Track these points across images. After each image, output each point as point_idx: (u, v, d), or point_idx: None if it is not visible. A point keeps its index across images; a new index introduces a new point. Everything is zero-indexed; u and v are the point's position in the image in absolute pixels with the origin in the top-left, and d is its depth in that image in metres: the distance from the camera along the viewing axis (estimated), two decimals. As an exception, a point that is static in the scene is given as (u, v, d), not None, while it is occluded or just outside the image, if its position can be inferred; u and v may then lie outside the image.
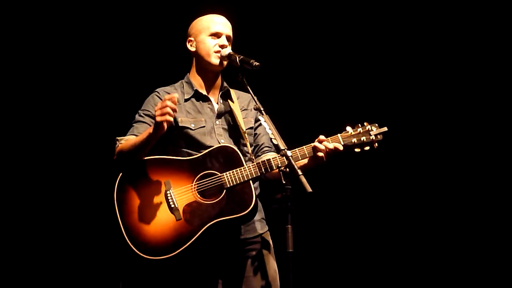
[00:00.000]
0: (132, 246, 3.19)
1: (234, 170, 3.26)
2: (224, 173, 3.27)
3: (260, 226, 3.45)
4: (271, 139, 3.20)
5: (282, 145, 3.11)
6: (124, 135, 3.40)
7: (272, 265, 3.41)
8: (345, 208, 5.39)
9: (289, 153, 3.08)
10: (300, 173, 2.97)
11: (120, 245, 3.21)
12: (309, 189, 2.92)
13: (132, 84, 4.88)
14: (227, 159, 3.30)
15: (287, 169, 3.06)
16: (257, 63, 3.27)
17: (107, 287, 4.76)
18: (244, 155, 3.37)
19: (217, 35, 3.47)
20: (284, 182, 3.04)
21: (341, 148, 3.28)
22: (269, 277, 3.36)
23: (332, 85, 5.43)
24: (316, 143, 3.27)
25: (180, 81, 3.56)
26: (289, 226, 2.98)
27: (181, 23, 3.64)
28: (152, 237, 3.21)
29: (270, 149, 3.55)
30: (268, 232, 3.49)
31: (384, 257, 5.37)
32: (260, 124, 3.57)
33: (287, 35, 5.41)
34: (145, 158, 3.31)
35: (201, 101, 3.49)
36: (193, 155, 3.34)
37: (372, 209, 5.40)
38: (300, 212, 3.09)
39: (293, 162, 3.05)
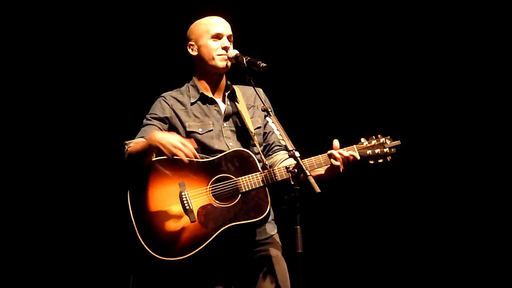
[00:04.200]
0: (146, 246, 3.19)
1: (250, 175, 3.28)
2: (240, 178, 3.27)
3: (270, 227, 3.46)
4: (279, 140, 3.20)
5: (290, 146, 3.11)
6: (133, 137, 3.40)
7: (283, 265, 3.40)
8: (354, 208, 5.37)
9: (297, 153, 3.08)
10: (308, 173, 2.97)
11: (133, 244, 3.21)
12: (318, 190, 2.92)
13: (139, 88, 4.90)
14: (242, 163, 3.31)
15: (296, 170, 3.05)
16: (264, 64, 3.26)
17: (118, 281, 4.77)
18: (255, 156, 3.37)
19: (218, 36, 3.46)
20: (292, 183, 3.04)
21: (358, 157, 3.28)
22: (280, 277, 3.35)
23: (341, 89, 5.44)
24: (332, 151, 3.27)
25: (186, 85, 3.56)
26: (298, 226, 2.97)
27: (185, 27, 3.64)
28: (166, 238, 3.21)
29: (280, 147, 3.55)
30: (277, 233, 3.50)
31: (393, 257, 5.35)
32: (268, 122, 3.57)
33: (297, 38, 5.41)
34: (159, 158, 3.30)
35: (207, 104, 3.49)
36: (204, 159, 3.35)
37: (381, 210, 5.39)
38: (309, 213, 3.08)
39: (301, 163, 3.05)
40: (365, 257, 5.36)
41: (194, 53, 3.51)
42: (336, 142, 3.29)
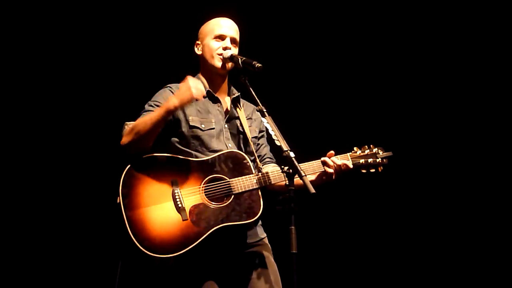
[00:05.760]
0: (136, 242, 3.14)
1: (243, 177, 3.28)
2: (233, 179, 3.28)
3: (260, 231, 3.47)
4: (273, 140, 3.20)
5: (285, 146, 3.12)
6: None
7: (274, 267, 3.41)
8: (348, 209, 5.40)
9: (292, 154, 3.09)
10: (303, 173, 2.99)
11: (123, 240, 3.17)
12: (313, 190, 2.93)
13: (138, 82, 4.89)
14: (236, 165, 3.32)
15: (290, 170, 3.06)
16: (260, 65, 3.27)
17: (107, 271, 4.78)
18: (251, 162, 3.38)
19: (221, 37, 3.47)
20: (287, 183, 3.05)
21: (351, 166, 3.33)
22: (273, 278, 3.36)
23: (335, 96, 5.47)
24: (325, 158, 3.31)
25: None
26: (293, 227, 2.97)
27: (190, 23, 3.64)
28: (157, 235, 3.18)
29: (271, 160, 3.59)
30: (266, 237, 3.50)
31: (387, 258, 5.37)
32: (263, 136, 3.60)
33: (293, 45, 5.44)
34: (152, 155, 3.28)
35: (211, 102, 3.49)
36: (199, 157, 3.34)
37: (375, 210, 5.41)
38: (303, 213, 3.09)
39: (296, 163, 3.06)
40: (359, 258, 5.39)
41: (199, 52, 3.53)
42: (331, 152, 3.34)
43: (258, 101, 3.31)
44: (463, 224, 5.36)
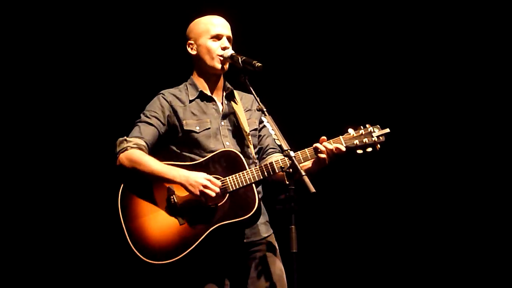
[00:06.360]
0: (136, 251, 3.22)
1: (236, 174, 3.28)
2: (227, 177, 3.28)
3: (264, 229, 3.46)
4: (274, 139, 3.20)
5: (285, 146, 3.12)
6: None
7: (278, 265, 3.40)
8: (349, 208, 5.38)
9: (292, 153, 3.09)
10: (303, 173, 2.98)
11: (124, 250, 3.23)
12: (313, 190, 2.92)
13: (134, 87, 4.89)
14: (230, 163, 3.31)
15: (290, 170, 3.06)
16: (259, 64, 3.27)
17: (112, 282, 4.79)
18: (248, 158, 3.37)
19: (217, 37, 3.46)
20: (287, 182, 3.04)
21: (343, 149, 3.27)
22: (276, 277, 3.35)
23: (334, 87, 5.43)
24: (317, 144, 3.28)
25: (184, 83, 3.55)
26: (293, 226, 2.97)
27: (183, 24, 3.64)
28: (156, 242, 3.24)
29: (275, 150, 3.55)
30: (273, 235, 3.49)
31: (388, 257, 5.36)
32: (265, 126, 3.56)
33: (289, 36, 5.41)
34: None
35: (205, 102, 3.49)
36: (196, 160, 3.36)
37: (375, 209, 5.40)
38: (303, 213, 3.09)
39: (296, 163, 3.06)
40: (360, 257, 5.37)
41: (193, 52, 3.51)
42: (322, 137, 3.30)
43: (258, 100, 3.31)
44: (467, 223, 5.34)
